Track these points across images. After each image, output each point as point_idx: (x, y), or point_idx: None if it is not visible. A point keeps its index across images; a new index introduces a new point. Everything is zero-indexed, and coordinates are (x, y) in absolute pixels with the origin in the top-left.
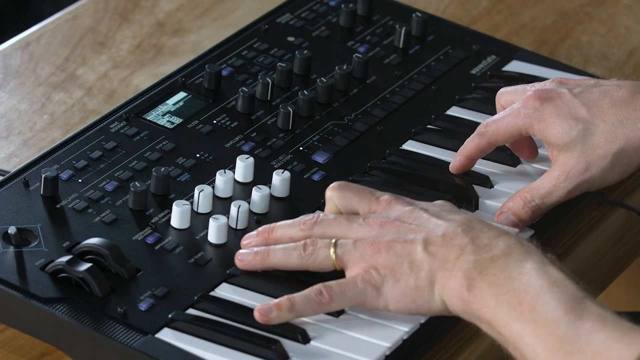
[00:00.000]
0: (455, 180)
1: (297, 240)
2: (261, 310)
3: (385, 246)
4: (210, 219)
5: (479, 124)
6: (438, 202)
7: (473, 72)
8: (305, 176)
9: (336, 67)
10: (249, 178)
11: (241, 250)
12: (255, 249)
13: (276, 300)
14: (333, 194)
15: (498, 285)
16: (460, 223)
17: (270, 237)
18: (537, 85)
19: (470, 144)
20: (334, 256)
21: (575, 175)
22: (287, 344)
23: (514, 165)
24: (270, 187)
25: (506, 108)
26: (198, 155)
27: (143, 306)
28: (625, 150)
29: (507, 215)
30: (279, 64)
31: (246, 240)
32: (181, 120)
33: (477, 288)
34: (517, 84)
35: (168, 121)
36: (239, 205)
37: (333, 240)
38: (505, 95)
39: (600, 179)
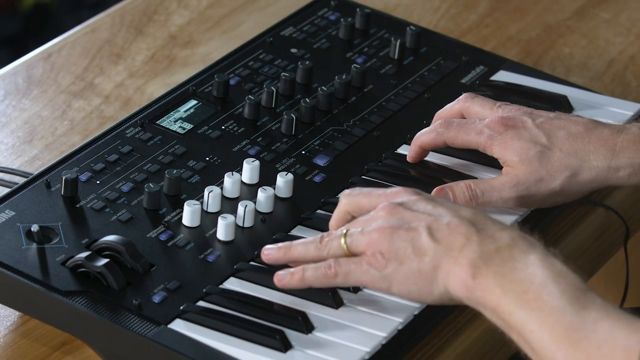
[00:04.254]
0: (446, 182)
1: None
2: (278, 276)
3: (390, 231)
4: (219, 218)
5: None
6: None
7: (463, 81)
8: (307, 178)
9: (336, 77)
10: (255, 180)
11: (267, 246)
12: (280, 244)
13: (292, 270)
14: (344, 200)
15: (503, 275)
16: (465, 214)
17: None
18: (504, 111)
19: (427, 137)
20: (345, 245)
21: (522, 186)
22: (291, 334)
23: (501, 169)
24: (274, 188)
25: (463, 113)
26: (207, 158)
27: (156, 299)
28: (575, 179)
29: (446, 192)
30: (283, 73)
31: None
32: (192, 126)
33: (482, 276)
34: (504, 93)
35: (180, 127)
36: (246, 205)
37: (344, 231)
38: (470, 104)
39: (543, 199)
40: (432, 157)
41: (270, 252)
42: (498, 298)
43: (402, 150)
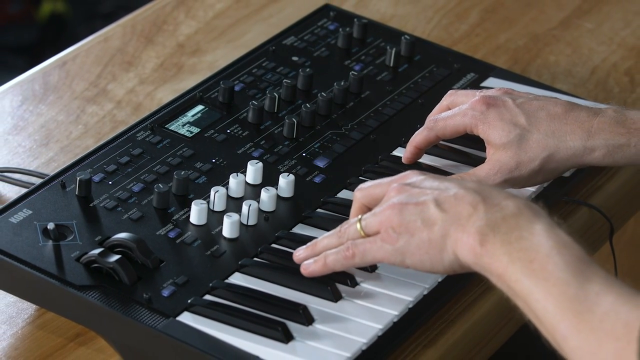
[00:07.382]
0: None
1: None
2: (303, 266)
3: (400, 207)
4: (225, 216)
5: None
6: None
7: (455, 87)
8: (307, 179)
9: (335, 83)
10: (258, 180)
11: (298, 248)
12: (307, 244)
13: (315, 258)
14: (358, 193)
15: (510, 243)
16: (471, 185)
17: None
18: (485, 92)
19: (420, 136)
20: (361, 231)
21: (505, 171)
22: (292, 326)
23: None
24: (277, 189)
25: (450, 107)
26: (214, 160)
27: (165, 293)
28: (552, 158)
29: None
30: (285, 80)
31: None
32: (199, 129)
33: (490, 243)
34: None
35: (187, 130)
36: (250, 204)
37: (359, 217)
38: (454, 96)
39: (525, 179)
40: (424, 159)
41: (300, 252)
42: (505, 266)
43: (397, 152)
